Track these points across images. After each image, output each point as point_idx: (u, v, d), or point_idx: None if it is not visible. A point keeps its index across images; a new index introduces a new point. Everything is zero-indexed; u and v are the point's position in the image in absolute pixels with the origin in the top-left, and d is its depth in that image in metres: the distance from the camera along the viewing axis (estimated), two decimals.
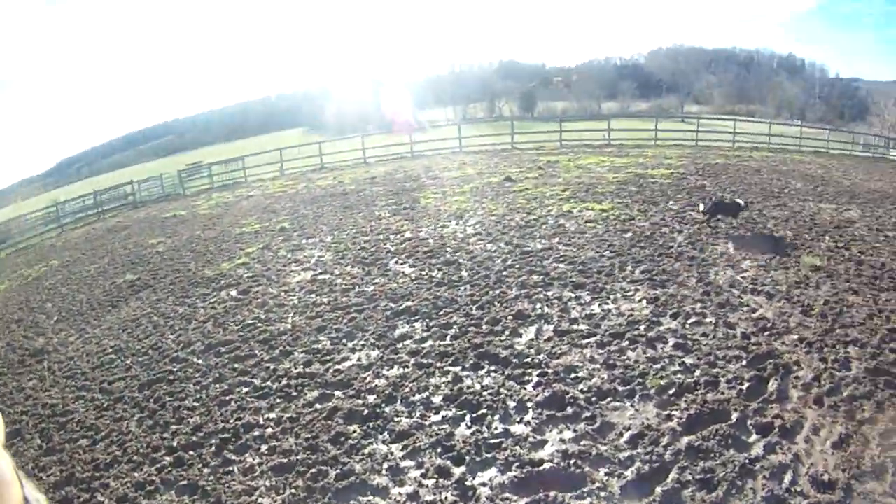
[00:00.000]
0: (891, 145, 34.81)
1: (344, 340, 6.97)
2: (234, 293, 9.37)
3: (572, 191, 14.71)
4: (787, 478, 4.33)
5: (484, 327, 6.95)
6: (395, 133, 31.12)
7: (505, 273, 8.74)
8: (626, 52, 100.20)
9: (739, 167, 19.98)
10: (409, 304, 7.81)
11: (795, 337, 6.71)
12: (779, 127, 35.55)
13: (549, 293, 7.92)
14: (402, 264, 9.54)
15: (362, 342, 6.86)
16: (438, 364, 6.16)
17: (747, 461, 4.50)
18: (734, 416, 5.12)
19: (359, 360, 6.48)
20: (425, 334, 6.90)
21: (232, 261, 11.28)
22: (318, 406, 5.71)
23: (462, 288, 8.26)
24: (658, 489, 4.28)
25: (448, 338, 6.74)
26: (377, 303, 7.96)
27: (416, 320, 7.32)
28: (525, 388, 5.64)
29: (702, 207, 11.53)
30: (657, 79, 78.80)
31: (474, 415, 5.29)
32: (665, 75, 78.54)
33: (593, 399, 5.41)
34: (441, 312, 7.46)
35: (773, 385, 5.65)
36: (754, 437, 4.86)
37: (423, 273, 9.03)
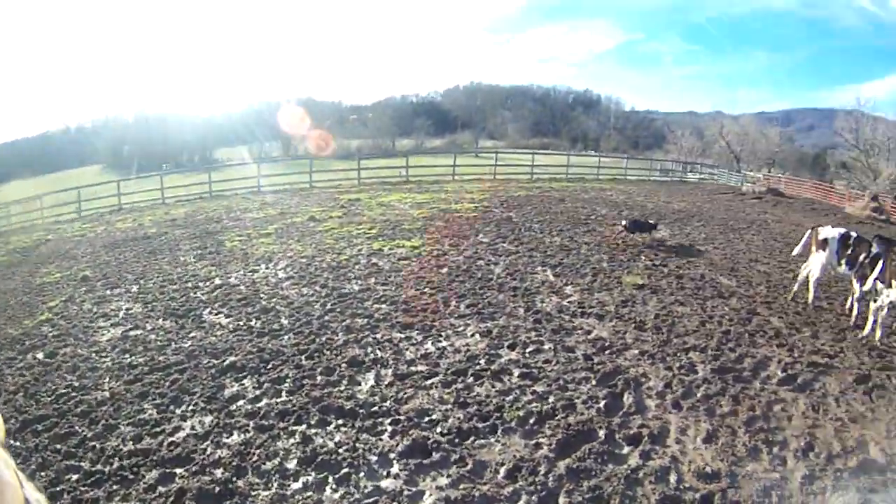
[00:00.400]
0: (688, 169, 43.67)
1: (171, 407, 6.60)
2: (40, 356, 8.69)
3: (379, 229, 15.52)
4: (673, 478, 4.98)
5: (319, 378, 6.98)
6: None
7: (327, 318, 8.90)
8: (422, 90, 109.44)
9: (543, 198, 22.51)
10: (232, 358, 7.66)
11: (636, 351, 7.74)
12: (576, 158, 40.91)
13: (378, 336, 8.18)
14: (216, 314, 9.45)
15: (192, 407, 6.55)
16: (281, 424, 6.05)
17: (629, 471, 5.05)
18: (601, 433, 5.71)
19: (193, 428, 6.14)
20: (258, 392, 6.77)
21: (34, 317, 10.49)
22: (161, 489, 5.27)
23: (285, 337, 8.27)
24: None
25: (284, 394, 6.71)
26: (198, 360, 7.72)
27: (245, 377, 7.17)
28: (382, 440, 5.71)
29: (624, 223, 15.02)
30: (453, 116, 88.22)
31: (337, 476, 5.23)
32: (461, 112, 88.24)
33: (456, 440, 5.63)
34: (269, 366, 7.38)
35: (628, 399, 6.43)
36: (627, 448, 5.47)
37: (241, 323, 8.97)
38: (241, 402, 6.50)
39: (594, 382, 6.78)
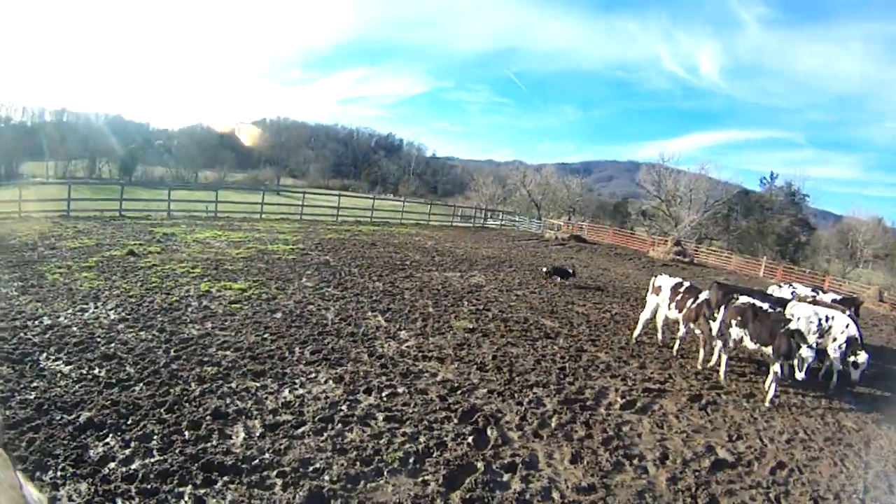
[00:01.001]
0: (488, 216, 47.17)
1: (37, 473, 5.94)
2: None
3: (202, 268, 15.32)
4: (556, 495, 5.93)
5: (187, 434, 6.84)
6: None
7: (174, 367, 8.70)
8: (229, 122, 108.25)
9: (355, 242, 23.36)
10: (87, 413, 7.11)
11: (485, 391, 8.68)
12: (380, 201, 42.30)
13: (233, 385, 8.22)
14: (55, 361, 8.66)
15: (60, 473, 5.95)
16: (165, 488, 5.81)
17: (517, 495, 5.88)
18: (480, 465, 6.48)
19: (70, 499, 5.59)
20: (128, 451, 6.39)
21: None
22: None
23: (137, 388, 7.90)
24: None
25: (156, 452, 6.43)
26: (50, 415, 7.03)
27: (107, 435, 6.71)
28: (276, 493, 5.83)
29: (545, 270, 18.81)
30: (257, 150, 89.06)
31: None
32: (265, 148, 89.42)
33: (349, 486, 5.99)
34: (129, 422, 7.01)
35: (492, 433, 7.30)
36: (507, 476, 6.31)
37: (84, 371, 8.35)
38: (113, 465, 6.15)
39: (456, 421, 7.53)
